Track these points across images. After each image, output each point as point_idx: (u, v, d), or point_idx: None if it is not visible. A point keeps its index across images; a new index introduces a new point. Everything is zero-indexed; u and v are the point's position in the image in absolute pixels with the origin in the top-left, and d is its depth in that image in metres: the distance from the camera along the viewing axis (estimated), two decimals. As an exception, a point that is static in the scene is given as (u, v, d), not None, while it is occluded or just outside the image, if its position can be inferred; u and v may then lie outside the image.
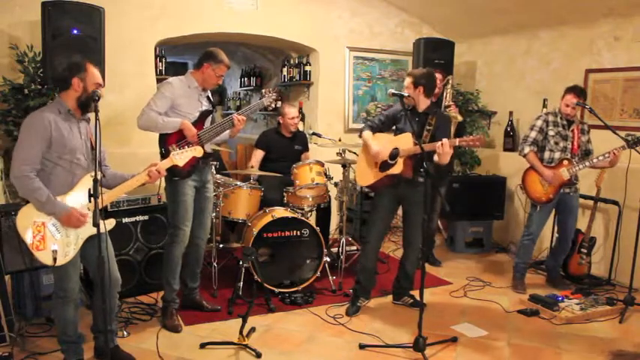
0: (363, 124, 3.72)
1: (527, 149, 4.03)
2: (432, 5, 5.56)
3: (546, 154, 4.02)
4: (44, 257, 2.47)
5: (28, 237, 2.46)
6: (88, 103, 2.58)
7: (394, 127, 3.59)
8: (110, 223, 2.71)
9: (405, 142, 3.42)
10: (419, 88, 3.42)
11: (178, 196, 3.26)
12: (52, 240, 2.49)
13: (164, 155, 3.18)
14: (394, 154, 3.44)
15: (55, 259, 2.47)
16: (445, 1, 5.35)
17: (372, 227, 3.65)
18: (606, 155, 3.76)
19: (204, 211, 3.47)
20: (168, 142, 3.18)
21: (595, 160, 3.84)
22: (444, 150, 3.13)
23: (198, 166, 3.29)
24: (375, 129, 3.57)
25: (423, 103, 3.46)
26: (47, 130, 2.47)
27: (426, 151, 3.16)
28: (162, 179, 3.31)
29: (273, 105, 3.58)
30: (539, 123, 4.04)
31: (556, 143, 3.98)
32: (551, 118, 4.03)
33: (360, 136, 3.61)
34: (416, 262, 3.72)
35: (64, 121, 2.56)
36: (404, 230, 3.73)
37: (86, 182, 2.57)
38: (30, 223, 2.47)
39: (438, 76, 4.36)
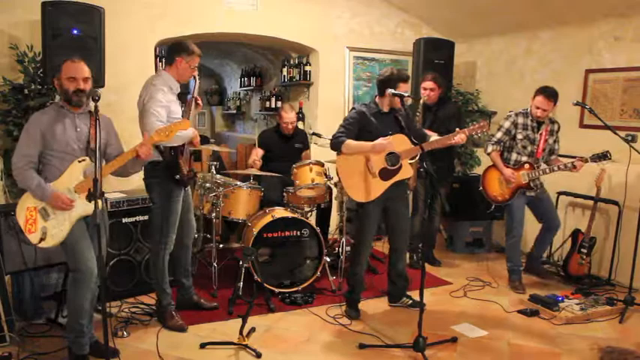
0: (333, 140, 3.38)
1: (490, 148, 4.09)
2: (432, 6, 5.56)
3: (513, 156, 4.06)
4: (34, 238, 2.66)
5: (21, 221, 2.66)
6: (68, 99, 2.71)
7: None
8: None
9: (400, 143, 3.36)
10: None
11: (173, 204, 3.23)
12: (42, 223, 2.66)
13: (177, 173, 3.17)
14: (395, 159, 3.39)
15: (41, 239, 2.64)
16: (445, 2, 5.35)
17: (366, 236, 3.54)
18: (568, 165, 3.85)
19: (190, 210, 3.48)
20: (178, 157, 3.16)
21: (555, 169, 3.91)
22: (462, 140, 3.28)
23: (193, 172, 3.31)
24: (350, 138, 3.34)
25: (385, 103, 3.45)
26: (38, 129, 2.67)
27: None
28: (157, 182, 3.28)
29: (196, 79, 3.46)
30: (507, 124, 4.06)
31: (524, 147, 4.02)
32: (520, 120, 4.02)
33: (341, 151, 3.34)
34: (405, 257, 3.71)
35: (59, 117, 2.72)
36: (391, 231, 3.63)
37: (73, 167, 2.70)
38: (24, 209, 2.67)
39: (427, 84, 4.36)
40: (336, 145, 3.36)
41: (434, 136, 3.47)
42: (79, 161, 2.70)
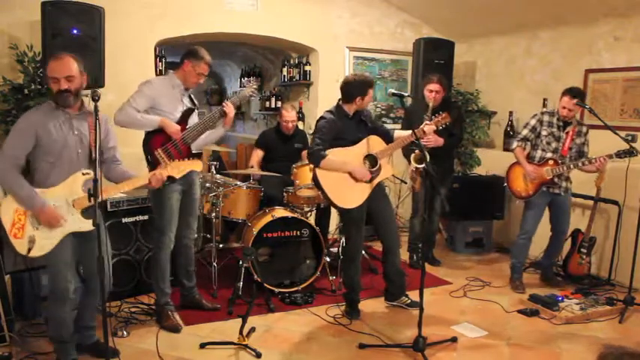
0: (311, 153, 3.34)
1: (515, 144, 4.13)
2: (432, 5, 5.56)
3: (538, 153, 4.06)
4: (20, 246, 2.47)
5: (7, 223, 2.46)
6: (55, 100, 2.54)
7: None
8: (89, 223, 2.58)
9: (375, 144, 3.43)
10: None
11: (163, 200, 3.22)
12: (31, 230, 2.48)
13: (150, 162, 3.15)
14: (373, 160, 3.43)
15: (29, 250, 2.47)
16: (445, 2, 5.35)
17: (357, 240, 3.54)
18: (592, 161, 3.82)
19: (192, 213, 3.46)
20: (153, 146, 3.12)
21: (580, 164, 3.88)
22: (431, 130, 3.48)
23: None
24: (327, 147, 3.33)
25: (353, 109, 3.46)
26: (30, 131, 2.47)
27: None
28: None
29: (254, 95, 3.50)
30: (532, 122, 4.09)
31: (548, 143, 4.01)
32: (546, 118, 4.05)
33: (320, 166, 3.31)
34: (399, 253, 3.72)
35: (53, 118, 2.53)
36: (381, 230, 3.65)
37: (76, 179, 2.55)
38: (13, 210, 2.47)
39: (434, 86, 4.33)
40: (316, 158, 3.30)
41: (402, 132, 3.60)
42: (83, 174, 2.54)
